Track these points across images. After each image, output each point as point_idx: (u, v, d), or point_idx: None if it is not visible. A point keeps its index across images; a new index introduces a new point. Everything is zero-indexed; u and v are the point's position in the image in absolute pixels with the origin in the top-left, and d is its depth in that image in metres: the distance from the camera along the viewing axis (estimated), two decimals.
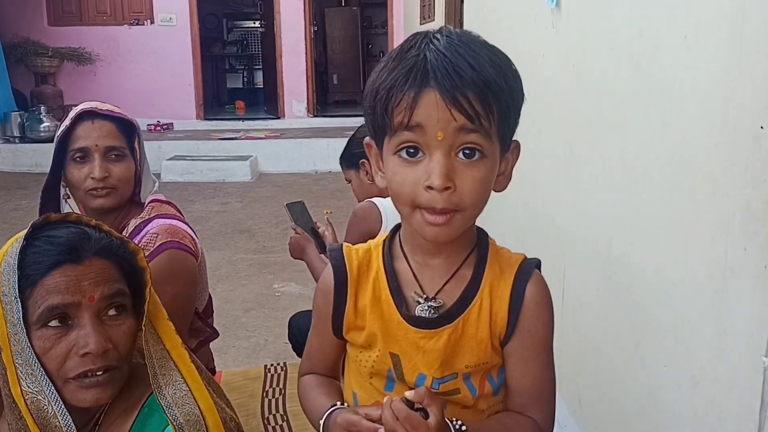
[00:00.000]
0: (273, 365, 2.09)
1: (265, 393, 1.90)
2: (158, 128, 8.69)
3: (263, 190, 6.71)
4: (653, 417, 1.60)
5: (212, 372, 1.83)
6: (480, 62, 0.84)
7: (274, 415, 1.79)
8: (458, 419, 0.91)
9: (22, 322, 0.97)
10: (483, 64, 0.84)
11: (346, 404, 1.01)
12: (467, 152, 0.86)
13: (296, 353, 2.27)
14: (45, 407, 0.97)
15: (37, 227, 1.03)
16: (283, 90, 9.43)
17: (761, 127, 1.15)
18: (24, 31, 8.54)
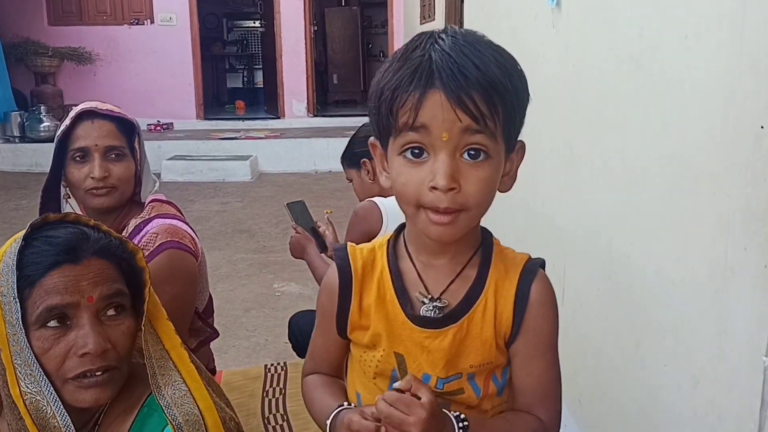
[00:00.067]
0: (273, 365, 2.09)
1: (266, 393, 1.90)
2: (158, 128, 8.69)
3: (263, 190, 6.70)
4: (653, 417, 1.60)
5: (213, 372, 1.83)
6: (485, 62, 0.84)
7: (275, 415, 1.79)
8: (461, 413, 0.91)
9: (21, 323, 0.97)
10: (488, 65, 0.84)
11: (353, 404, 1.01)
12: (472, 153, 0.85)
13: (296, 353, 2.27)
14: (44, 408, 0.97)
15: (36, 227, 1.03)
16: (283, 90, 9.43)
17: (761, 127, 1.15)
18: (24, 31, 8.54)
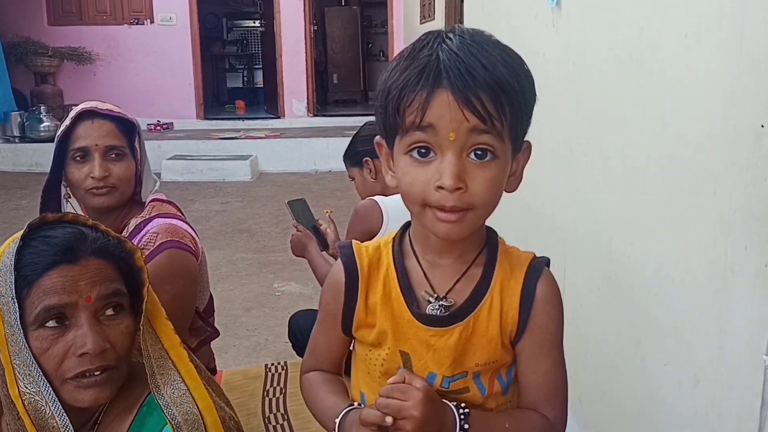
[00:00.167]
0: (273, 364, 2.09)
1: (266, 392, 1.90)
2: (158, 128, 8.69)
3: (263, 190, 6.70)
4: (654, 416, 1.60)
5: (213, 371, 1.83)
6: (493, 62, 0.84)
7: (275, 414, 1.79)
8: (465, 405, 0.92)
9: (20, 323, 0.97)
10: (496, 65, 0.84)
11: (360, 404, 1.01)
12: (479, 153, 0.85)
13: (296, 352, 2.27)
14: (42, 408, 0.97)
15: (34, 227, 1.03)
16: (283, 89, 9.43)
17: (762, 126, 1.15)
18: (24, 31, 8.54)
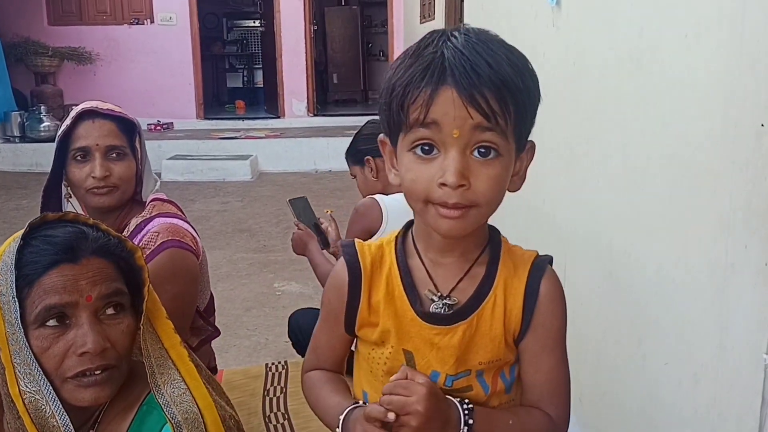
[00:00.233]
0: (274, 364, 2.09)
1: (266, 391, 1.90)
2: (158, 128, 8.69)
3: (263, 190, 6.70)
4: (654, 415, 1.60)
5: (214, 370, 1.83)
6: (498, 61, 0.84)
7: (276, 414, 1.79)
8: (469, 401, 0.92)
9: (20, 322, 0.97)
10: (501, 63, 0.84)
11: (363, 403, 1.01)
12: (482, 151, 0.85)
13: (296, 350, 2.27)
14: (43, 407, 0.97)
15: (35, 227, 1.03)
16: (283, 89, 9.43)
17: (762, 125, 1.15)
18: (24, 31, 8.54)
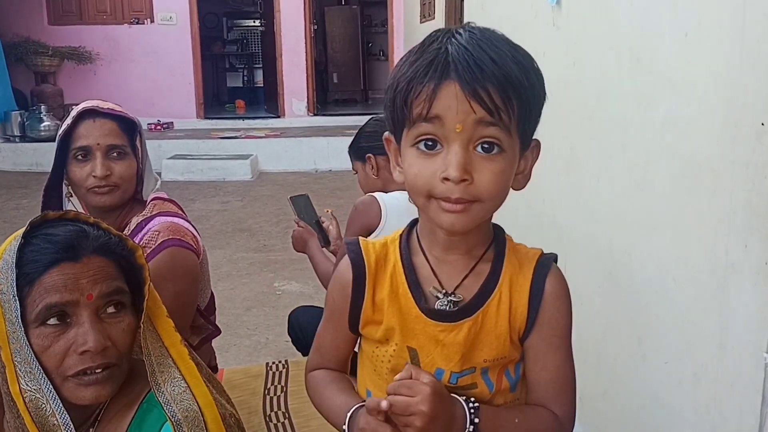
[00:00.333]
0: (274, 363, 2.08)
1: (267, 390, 1.90)
2: (158, 127, 8.68)
3: (263, 189, 6.70)
4: (654, 413, 1.60)
5: (214, 369, 1.84)
6: (502, 57, 0.84)
7: (276, 413, 1.79)
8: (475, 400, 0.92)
9: (21, 321, 0.97)
10: (505, 59, 0.84)
11: None
12: (486, 146, 0.85)
13: (296, 347, 2.28)
14: (43, 405, 0.97)
15: (36, 225, 1.03)
16: (283, 89, 9.43)
17: (762, 124, 1.16)
18: (24, 31, 8.54)
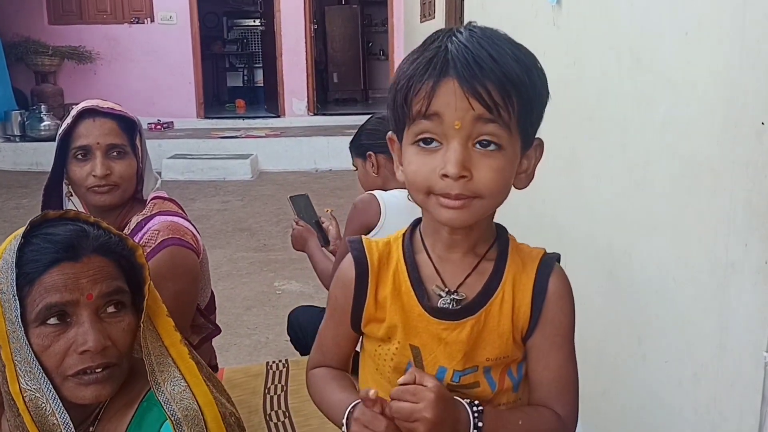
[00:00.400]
0: (275, 362, 2.09)
1: (267, 390, 1.90)
2: (158, 127, 8.68)
3: (264, 189, 6.70)
4: (654, 413, 1.60)
5: (215, 368, 1.84)
6: (502, 54, 0.84)
7: (276, 412, 1.79)
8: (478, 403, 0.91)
9: (21, 320, 0.97)
10: (505, 57, 0.84)
11: None
12: (484, 143, 0.85)
13: (295, 347, 2.28)
14: (43, 405, 0.97)
15: (36, 225, 1.03)
16: (284, 88, 9.42)
17: (762, 123, 1.16)
18: (24, 30, 8.53)
